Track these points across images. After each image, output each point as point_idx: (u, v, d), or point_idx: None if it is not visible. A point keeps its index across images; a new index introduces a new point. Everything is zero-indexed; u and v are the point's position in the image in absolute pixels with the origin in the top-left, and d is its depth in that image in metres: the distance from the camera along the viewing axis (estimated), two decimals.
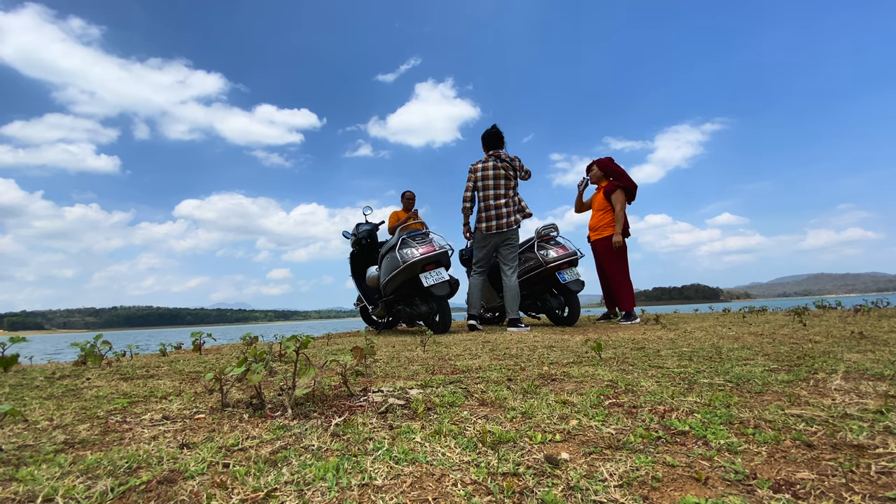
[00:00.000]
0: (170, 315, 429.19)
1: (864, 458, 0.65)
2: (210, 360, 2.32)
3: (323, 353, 2.48)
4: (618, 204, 4.49)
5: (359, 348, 1.36)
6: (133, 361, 2.44)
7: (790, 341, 2.15)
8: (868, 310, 4.09)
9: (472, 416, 0.94)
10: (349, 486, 0.62)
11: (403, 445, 0.77)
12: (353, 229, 5.05)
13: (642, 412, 0.92)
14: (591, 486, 0.59)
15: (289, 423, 0.93)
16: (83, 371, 1.95)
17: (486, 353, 2.21)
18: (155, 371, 1.90)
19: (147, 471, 0.70)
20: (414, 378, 1.47)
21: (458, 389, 1.23)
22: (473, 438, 0.79)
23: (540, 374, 1.46)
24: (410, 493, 0.60)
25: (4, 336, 2.31)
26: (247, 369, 1.05)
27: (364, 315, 5.30)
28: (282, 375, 1.52)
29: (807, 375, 1.23)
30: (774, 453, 0.68)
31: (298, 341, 1.12)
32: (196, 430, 0.93)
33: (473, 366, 1.73)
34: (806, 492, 0.56)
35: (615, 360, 1.74)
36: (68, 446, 0.84)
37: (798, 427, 0.79)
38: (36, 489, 0.63)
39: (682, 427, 0.81)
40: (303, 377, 1.08)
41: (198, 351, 3.00)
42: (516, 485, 0.61)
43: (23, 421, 1.03)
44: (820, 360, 1.53)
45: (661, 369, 1.46)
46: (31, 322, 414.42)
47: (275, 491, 0.62)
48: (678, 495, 0.56)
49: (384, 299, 4.30)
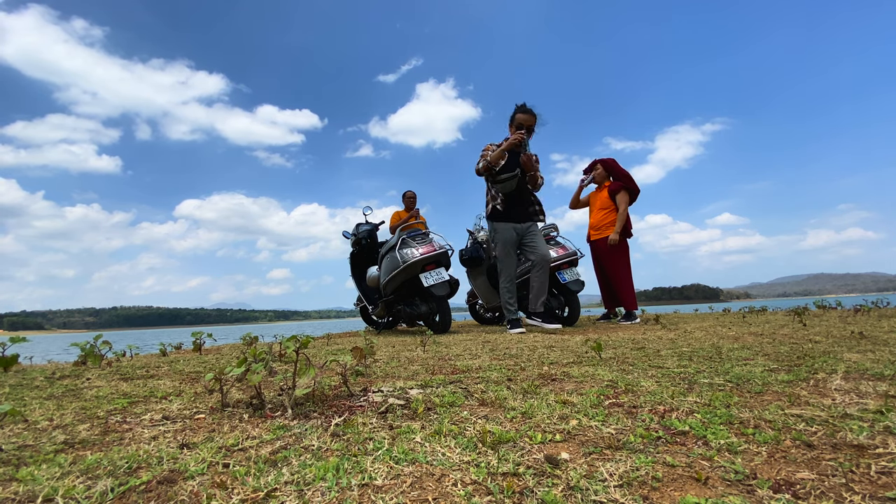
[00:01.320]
0: (170, 315, 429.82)
1: (864, 458, 0.65)
2: (210, 360, 2.32)
3: (323, 353, 2.48)
4: (622, 204, 4.50)
5: (359, 348, 1.36)
6: (133, 361, 2.44)
7: (790, 341, 2.15)
8: (868, 310, 4.09)
9: (472, 416, 0.94)
10: (349, 486, 0.62)
11: (403, 445, 0.77)
12: (353, 229, 5.05)
13: (642, 412, 0.92)
14: (591, 486, 0.59)
15: (289, 423, 0.93)
16: (83, 371, 1.95)
17: (486, 353, 2.21)
18: (155, 371, 1.90)
19: (147, 471, 0.70)
20: (414, 378, 1.47)
21: (458, 389, 1.23)
22: (473, 438, 0.79)
23: (540, 374, 1.46)
24: (410, 493, 0.60)
25: (4, 336, 2.31)
26: (247, 369, 1.05)
27: (364, 315, 5.30)
28: (282, 375, 1.52)
29: (807, 375, 1.23)
30: (774, 453, 0.68)
31: (298, 341, 1.12)
32: (196, 430, 0.93)
33: (473, 366, 1.73)
34: (806, 492, 0.56)
35: (615, 360, 1.74)
36: (68, 446, 0.84)
37: (798, 427, 0.79)
38: (36, 489, 0.63)
39: (682, 427, 0.81)
40: (303, 377, 1.08)
41: (198, 351, 3.00)
42: (516, 485, 0.61)
43: (23, 421, 1.03)
44: (820, 360, 1.53)
45: (661, 369, 1.46)
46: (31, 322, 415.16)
47: (275, 491, 0.62)
48: (678, 495, 0.56)
49: (384, 299, 4.30)
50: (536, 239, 3.78)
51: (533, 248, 3.76)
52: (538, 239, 3.79)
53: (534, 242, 3.77)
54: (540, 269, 3.72)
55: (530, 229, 3.80)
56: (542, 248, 3.77)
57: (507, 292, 3.76)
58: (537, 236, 3.80)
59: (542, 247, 3.77)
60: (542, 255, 3.72)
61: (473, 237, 5.13)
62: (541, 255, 3.72)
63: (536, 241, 3.77)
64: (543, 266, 3.72)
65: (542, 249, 3.75)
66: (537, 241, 3.78)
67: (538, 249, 3.74)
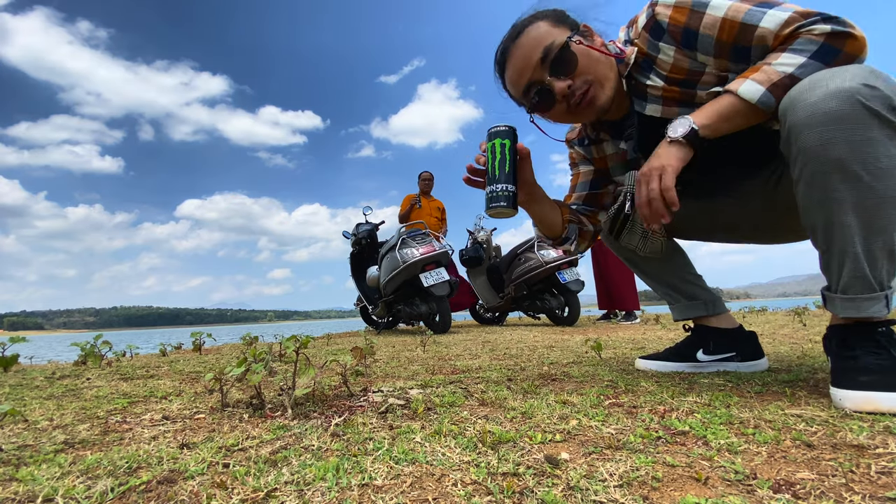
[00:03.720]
0: (170, 315, 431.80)
1: (864, 458, 0.65)
2: (210, 360, 2.33)
3: (323, 353, 2.48)
4: None
5: (359, 348, 1.36)
6: (133, 361, 2.44)
7: (790, 341, 2.15)
8: None
9: (472, 416, 0.94)
10: (349, 486, 0.62)
11: (403, 445, 0.77)
12: (353, 229, 5.06)
13: (642, 412, 0.92)
14: (591, 486, 0.59)
15: (289, 423, 0.94)
16: (83, 371, 1.95)
17: (486, 353, 2.21)
18: (155, 371, 1.90)
19: (147, 471, 0.70)
20: (414, 378, 1.47)
21: (458, 389, 1.23)
22: (473, 438, 0.79)
23: (540, 374, 1.46)
24: (410, 493, 0.60)
25: (4, 336, 2.32)
26: (247, 369, 1.05)
27: (364, 315, 5.31)
28: (282, 375, 1.53)
29: (807, 375, 1.23)
30: (774, 453, 0.68)
31: (298, 341, 1.12)
32: (196, 430, 0.93)
33: (473, 366, 1.73)
34: (806, 492, 0.56)
35: (615, 360, 1.74)
36: (68, 446, 0.84)
37: (798, 427, 0.79)
38: (36, 489, 0.63)
39: (682, 427, 0.81)
40: (303, 377, 1.08)
41: (198, 351, 3.00)
42: (516, 485, 0.61)
43: (23, 421, 1.03)
44: (820, 360, 1.53)
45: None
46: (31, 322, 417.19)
47: (275, 491, 0.62)
48: (678, 495, 0.56)
49: (384, 299, 4.30)
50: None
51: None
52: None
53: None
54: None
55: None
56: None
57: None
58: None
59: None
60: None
61: (473, 237, 5.13)
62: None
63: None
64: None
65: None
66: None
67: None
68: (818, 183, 0.90)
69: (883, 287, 0.89)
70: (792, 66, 0.92)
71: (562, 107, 1.13)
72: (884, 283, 0.89)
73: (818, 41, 0.91)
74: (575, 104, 1.11)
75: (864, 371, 0.87)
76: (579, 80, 1.09)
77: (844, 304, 0.93)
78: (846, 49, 0.90)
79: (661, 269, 1.49)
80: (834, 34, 0.90)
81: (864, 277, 0.89)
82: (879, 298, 0.89)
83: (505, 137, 1.07)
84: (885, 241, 0.87)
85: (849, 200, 0.87)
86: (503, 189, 1.06)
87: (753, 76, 0.96)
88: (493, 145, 1.08)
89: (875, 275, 0.89)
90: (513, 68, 1.14)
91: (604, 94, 1.11)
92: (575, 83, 1.09)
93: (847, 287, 0.92)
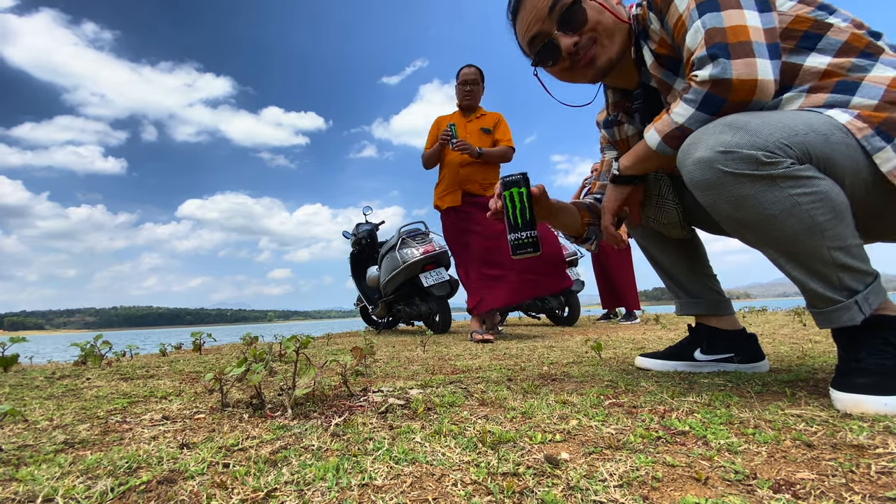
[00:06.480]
0: (170, 315, 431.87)
1: (864, 458, 0.65)
2: (210, 360, 2.32)
3: (323, 353, 2.48)
4: None
5: (359, 348, 1.36)
6: (133, 361, 2.44)
7: (790, 341, 2.15)
8: None
9: (472, 416, 0.94)
10: (349, 486, 0.62)
11: (403, 445, 0.77)
12: (353, 229, 5.06)
13: (642, 412, 0.92)
14: (591, 486, 0.59)
15: (289, 423, 0.94)
16: (83, 371, 1.95)
17: (486, 353, 2.21)
18: (155, 371, 1.90)
19: (147, 471, 0.70)
20: (414, 378, 1.47)
21: (458, 389, 1.23)
22: (473, 438, 0.79)
23: (540, 374, 1.46)
24: (410, 493, 0.60)
25: (4, 336, 2.32)
26: (247, 369, 1.05)
27: (364, 315, 5.31)
28: (282, 375, 1.53)
29: (807, 376, 1.23)
30: (774, 453, 0.69)
31: (298, 341, 1.12)
32: (196, 430, 0.93)
33: (473, 366, 1.73)
34: (806, 492, 0.56)
35: (615, 360, 1.74)
36: (68, 446, 0.84)
37: (798, 427, 0.79)
38: (36, 489, 0.63)
39: (682, 427, 0.81)
40: (303, 377, 1.08)
41: (198, 351, 3.00)
42: (516, 485, 0.61)
43: (23, 421, 1.03)
44: (820, 360, 1.53)
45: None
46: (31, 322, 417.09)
47: (275, 491, 0.62)
48: (678, 495, 0.56)
49: (384, 299, 4.30)
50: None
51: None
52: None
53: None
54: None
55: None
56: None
57: None
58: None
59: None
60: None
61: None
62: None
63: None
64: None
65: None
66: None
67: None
68: (735, 233, 0.93)
69: (852, 293, 0.87)
70: (682, 117, 0.92)
71: (565, 64, 1.11)
72: (851, 289, 0.87)
73: (701, 91, 0.89)
74: (575, 62, 1.09)
75: (864, 373, 0.87)
76: (585, 38, 1.06)
77: (818, 318, 0.93)
78: (731, 98, 0.86)
79: (674, 260, 1.43)
80: (715, 82, 0.86)
81: (822, 294, 0.89)
82: (849, 307, 0.87)
83: (521, 186, 1.13)
84: (824, 259, 0.85)
85: (763, 242, 0.89)
86: (528, 236, 1.13)
87: (657, 124, 0.98)
88: (511, 194, 1.13)
89: (832, 287, 0.88)
90: (523, 16, 1.12)
91: (605, 55, 1.08)
92: (581, 41, 1.06)
93: (813, 303, 0.93)
